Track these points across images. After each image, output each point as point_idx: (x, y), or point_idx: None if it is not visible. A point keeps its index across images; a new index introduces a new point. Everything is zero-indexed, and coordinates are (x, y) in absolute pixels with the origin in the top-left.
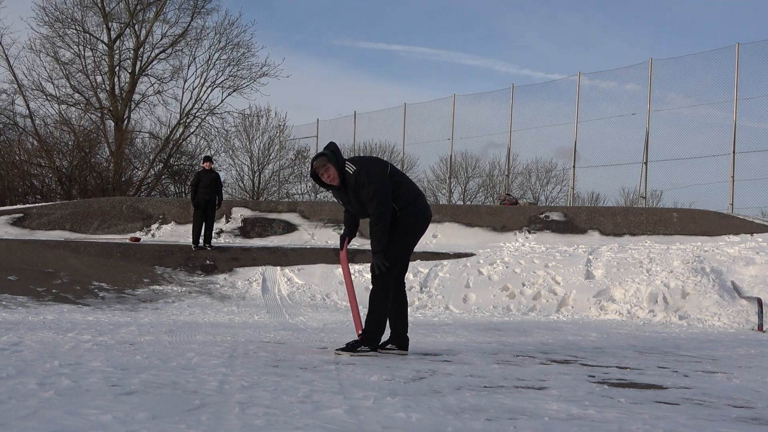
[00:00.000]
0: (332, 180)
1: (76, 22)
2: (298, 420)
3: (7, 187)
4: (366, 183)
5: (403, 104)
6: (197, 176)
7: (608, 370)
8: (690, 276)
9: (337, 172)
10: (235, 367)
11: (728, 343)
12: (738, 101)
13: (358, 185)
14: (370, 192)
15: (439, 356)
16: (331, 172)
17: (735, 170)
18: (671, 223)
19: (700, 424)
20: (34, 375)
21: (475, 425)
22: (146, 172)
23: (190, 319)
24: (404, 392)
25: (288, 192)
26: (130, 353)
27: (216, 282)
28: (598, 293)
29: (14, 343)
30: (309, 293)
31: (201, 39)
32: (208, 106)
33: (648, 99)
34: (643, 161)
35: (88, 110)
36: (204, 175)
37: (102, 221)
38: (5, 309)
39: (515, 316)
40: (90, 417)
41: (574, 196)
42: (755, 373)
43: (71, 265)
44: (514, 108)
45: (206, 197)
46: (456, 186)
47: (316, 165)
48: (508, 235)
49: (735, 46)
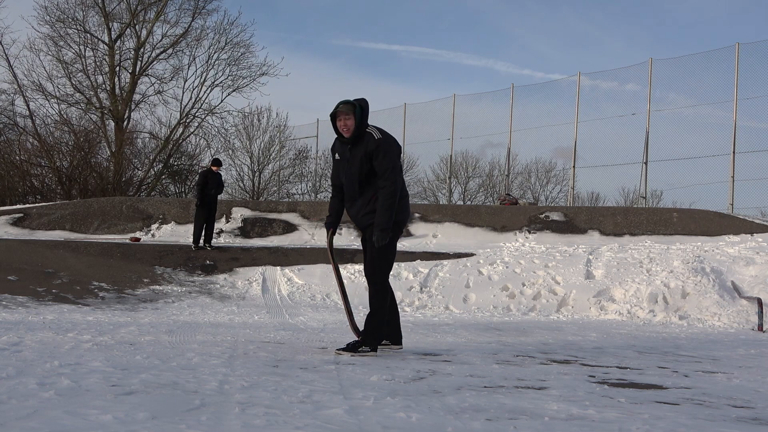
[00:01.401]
0: (346, 131)
1: (77, 22)
2: (298, 420)
3: (7, 187)
4: (387, 153)
5: (403, 104)
6: (204, 177)
7: (608, 370)
8: (690, 276)
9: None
10: (235, 367)
11: (728, 343)
12: (738, 101)
13: (378, 151)
14: (389, 163)
15: (439, 356)
16: (350, 124)
17: (735, 170)
18: (671, 223)
19: (700, 424)
20: (34, 375)
21: (475, 425)
22: (146, 172)
23: (190, 319)
24: (404, 392)
25: (288, 192)
26: (130, 353)
27: (216, 282)
28: (598, 293)
29: (14, 343)
30: (309, 293)
31: (201, 39)
32: (208, 106)
33: (648, 99)
34: (643, 161)
35: (88, 110)
36: (212, 177)
37: (102, 221)
38: (5, 309)
39: (515, 316)
40: (90, 417)
41: (574, 196)
42: (755, 373)
43: (71, 265)
44: (514, 108)
45: (211, 198)
46: (456, 186)
47: (340, 108)
48: (508, 235)
49: (735, 46)
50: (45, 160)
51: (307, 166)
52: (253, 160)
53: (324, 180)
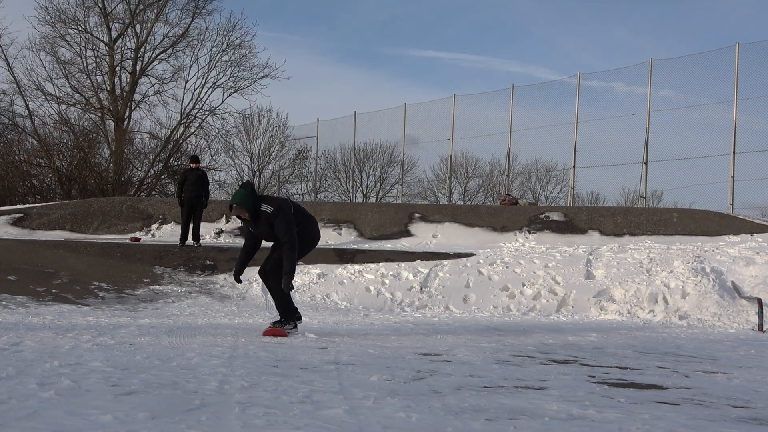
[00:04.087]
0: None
1: (77, 22)
2: (298, 420)
3: (7, 187)
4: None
5: (403, 104)
6: (183, 174)
7: (608, 370)
8: (690, 276)
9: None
10: (235, 367)
11: (728, 343)
12: (738, 101)
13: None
14: (283, 226)
15: (439, 356)
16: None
17: (735, 170)
18: (671, 223)
19: (700, 424)
20: (34, 375)
21: (475, 425)
22: (146, 173)
23: (190, 319)
24: (404, 392)
25: (288, 192)
26: (130, 353)
27: (216, 282)
28: (598, 293)
29: (14, 343)
30: (309, 293)
31: (202, 40)
32: (209, 107)
33: (648, 99)
34: (643, 161)
35: (88, 110)
36: (190, 174)
37: (102, 221)
38: (5, 309)
39: (515, 316)
40: (90, 417)
41: (574, 196)
42: (755, 373)
43: (71, 265)
44: (514, 108)
45: (192, 195)
46: (456, 186)
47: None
48: (508, 235)
49: (735, 46)
50: (45, 160)
51: (307, 166)
52: (253, 160)
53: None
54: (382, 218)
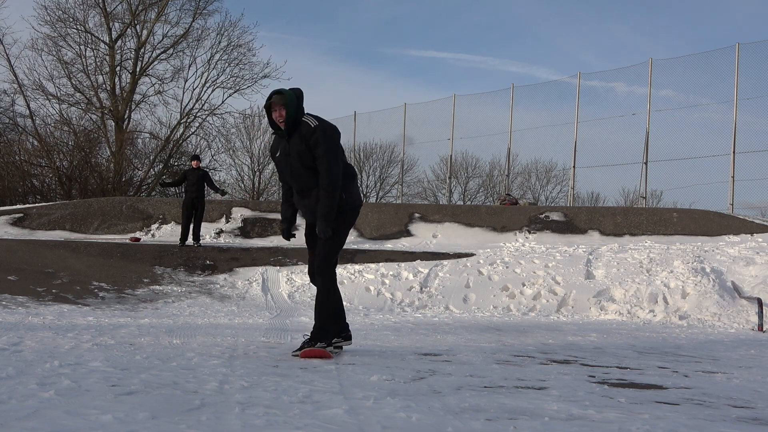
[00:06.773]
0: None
1: (77, 22)
2: (298, 420)
3: (7, 187)
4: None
5: (403, 104)
6: (183, 174)
7: (608, 370)
8: (690, 276)
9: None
10: (235, 367)
11: (728, 343)
12: (738, 101)
13: (315, 138)
14: (325, 149)
15: (439, 356)
16: (283, 114)
17: (735, 170)
18: (671, 223)
19: (700, 424)
20: (34, 375)
21: (475, 425)
22: (146, 172)
23: (190, 319)
24: (404, 392)
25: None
26: (130, 353)
27: (216, 282)
28: (598, 293)
29: (14, 343)
30: (309, 293)
31: (202, 40)
32: (209, 107)
33: (648, 99)
34: (643, 161)
35: (88, 110)
36: (191, 173)
37: (102, 221)
38: (5, 309)
39: (515, 316)
40: (90, 417)
41: (574, 196)
42: (755, 373)
43: (71, 265)
44: (514, 108)
45: (193, 195)
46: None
47: (274, 99)
48: (508, 235)
49: (735, 46)
50: (45, 160)
51: None
52: (253, 160)
53: None
54: (382, 218)
